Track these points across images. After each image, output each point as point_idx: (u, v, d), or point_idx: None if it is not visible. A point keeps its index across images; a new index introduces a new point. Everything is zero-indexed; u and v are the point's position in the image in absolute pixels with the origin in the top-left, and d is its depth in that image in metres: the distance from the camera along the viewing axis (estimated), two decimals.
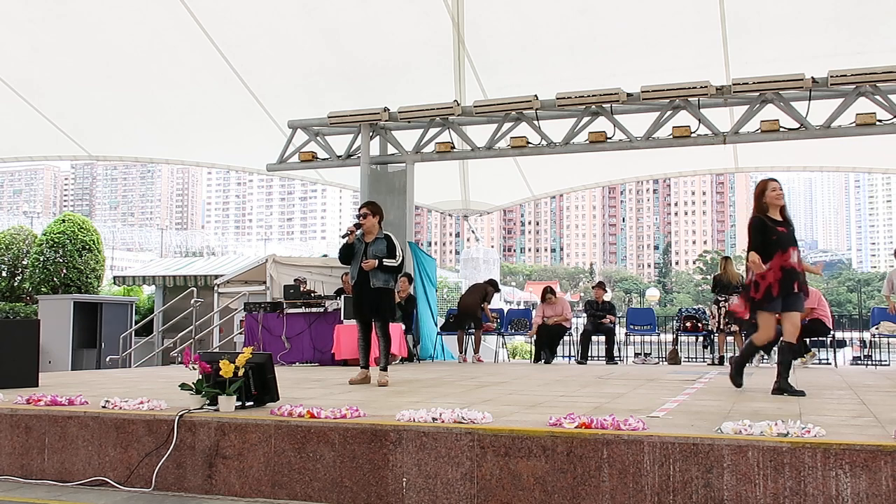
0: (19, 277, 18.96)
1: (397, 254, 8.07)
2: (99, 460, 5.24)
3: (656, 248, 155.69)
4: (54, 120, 15.72)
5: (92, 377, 9.28)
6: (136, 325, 16.76)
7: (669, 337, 14.13)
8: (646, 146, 12.76)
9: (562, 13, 12.61)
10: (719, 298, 12.59)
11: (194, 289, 15.21)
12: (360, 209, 8.28)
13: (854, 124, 11.75)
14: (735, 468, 4.01)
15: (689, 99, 12.21)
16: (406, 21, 13.00)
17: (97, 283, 18.71)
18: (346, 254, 8.11)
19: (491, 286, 13.92)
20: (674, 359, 13.03)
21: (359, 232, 8.14)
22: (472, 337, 13.39)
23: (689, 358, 14.26)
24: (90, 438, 5.29)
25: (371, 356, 8.36)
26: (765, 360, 12.45)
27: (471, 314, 13.32)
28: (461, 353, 13.44)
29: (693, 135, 12.39)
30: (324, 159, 14.42)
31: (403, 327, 12.12)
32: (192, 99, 15.21)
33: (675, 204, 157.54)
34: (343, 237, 8.12)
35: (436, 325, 14.10)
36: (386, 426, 4.65)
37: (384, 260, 7.98)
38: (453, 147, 13.69)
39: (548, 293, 13.63)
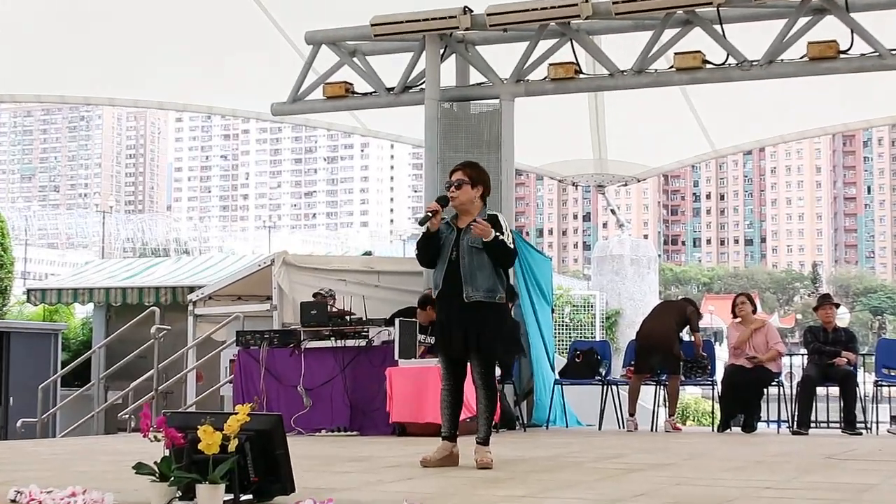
0: None
1: (509, 243, 7.95)
2: None
3: None
4: None
5: None
6: (63, 368, 17.11)
7: None
8: None
9: None
10: None
11: (156, 309, 15.46)
12: (453, 173, 8.03)
13: None
14: None
15: None
16: None
17: (1, 302, 19.18)
18: (430, 249, 7.93)
19: (692, 306, 13.86)
20: None
21: (444, 212, 8.02)
22: (666, 388, 13.46)
23: None
24: None
25: (460, 418, 8.28)
26: None
27: (663, 350, 13.15)
28: (630, 414, 13.43)
29: None
30: (365, 94, 14.58)
31: (500, 373, 12.14)
32: (150, 5, 15.41)
33: None
34: (422, 223, 7.93)
35: (552, 368, 14.09)
36: None
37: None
38: (579, 70, 13.66)
39: (740, 303, 13.44)
